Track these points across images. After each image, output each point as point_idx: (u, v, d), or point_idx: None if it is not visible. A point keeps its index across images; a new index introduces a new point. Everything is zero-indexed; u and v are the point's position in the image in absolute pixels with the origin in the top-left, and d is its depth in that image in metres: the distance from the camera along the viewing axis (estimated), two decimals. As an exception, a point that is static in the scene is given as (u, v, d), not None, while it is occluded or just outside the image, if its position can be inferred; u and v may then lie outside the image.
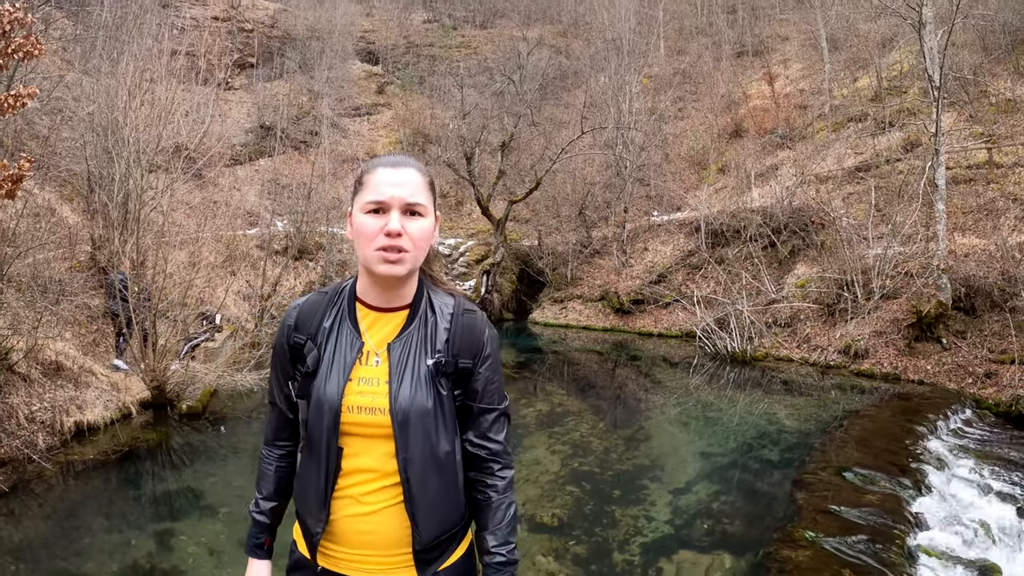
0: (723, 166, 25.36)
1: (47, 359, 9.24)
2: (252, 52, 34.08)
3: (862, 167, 19.80)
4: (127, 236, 11.22)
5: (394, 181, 1.76)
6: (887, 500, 6.64)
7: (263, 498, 1.98)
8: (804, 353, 14.84)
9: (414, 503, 1.76)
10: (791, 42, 31.91)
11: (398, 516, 1.77)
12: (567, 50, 34.74)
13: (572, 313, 21.07)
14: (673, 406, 12.03)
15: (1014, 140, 17.38)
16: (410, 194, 1.75)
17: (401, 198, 1.74)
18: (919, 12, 13.81)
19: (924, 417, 9.70)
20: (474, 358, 1.85)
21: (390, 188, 1.75)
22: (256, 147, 28.35)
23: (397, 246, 1.72)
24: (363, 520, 1.77)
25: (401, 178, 1.76)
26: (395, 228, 1.72)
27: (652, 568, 5.73)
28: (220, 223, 17.31)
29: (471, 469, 1.87)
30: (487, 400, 1.87)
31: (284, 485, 1.99)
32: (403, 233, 1.73)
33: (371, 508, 1.77)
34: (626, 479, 8.10)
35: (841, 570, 5.19)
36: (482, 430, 1.86)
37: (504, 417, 1.90)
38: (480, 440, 1.86)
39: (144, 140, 10.98)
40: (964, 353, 12.65)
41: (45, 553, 5.89)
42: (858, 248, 15.56)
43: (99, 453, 8.36)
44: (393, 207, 1.74)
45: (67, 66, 14.69)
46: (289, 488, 1.98)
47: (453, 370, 1.82)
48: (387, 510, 1.77)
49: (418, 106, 33.74)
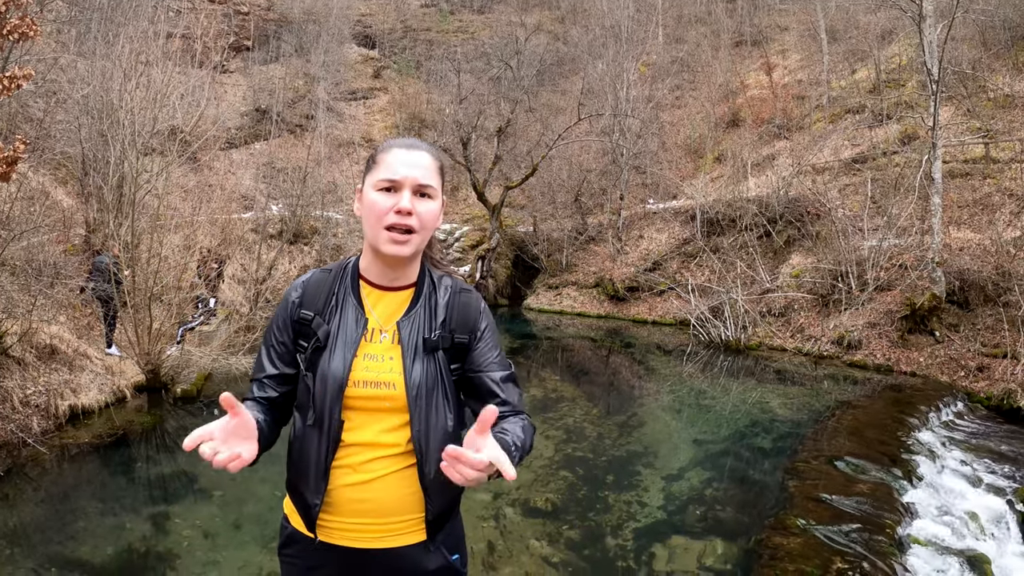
0: (720, 155, 25.37)
1: (41, 342, 9.23)
2: (248, 35, 33.94)
3: (859, 159, 19.83)
4: (122, 219, 11.18)
5: (408, 162, 1.81)
6: (878, 490, 6.68)
7: None
8: (797, 343, 14.89)
9: (427, 475, 1.81)
10: (790, 32, 31.86)
11: (394, 484, 1.81)
12: (565, 36, 34.63)
13: (567, 299, 21.12)
14: (666, 393, 12.08)
15: (1011, 135, 17.41)
16: (422, 175, 1.81)
17: (414, 178, 1.79)
18: (920, 5, 13.78)
19: (916, 409, 9.75)
20: (470, 333, 1.92)
21: (404, 168, 1.80)
22: (251, 130, 28.29)
23: (406, 225, 1.77)
24: (360, 488, 1.80)
25: (415, 159, 1.82)
26: (406, 206, 1.77)
27: (645, 553, 5.78)
28: (215, 207, 17.27)
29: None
30: (490, 367, 1.91)
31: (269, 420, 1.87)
32: (413, 212, 1.78)
33: (368, 477, 1.80)
34: (619, 465, 8.14)
35: (832, 558, 5.23)
36: (493, 390, 1.88)
37: (512, 380, 1.92)
38: (493, 399, 1.86)
39: (139, 122, 10.92)
40: (957, 346, 12.71)
41: (40, 537, 5.90)
42: (853, 239, 15.60)
43: (94, 437, 8.36)
44: (405, 186, 1.79)
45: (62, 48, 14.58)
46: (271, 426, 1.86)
47: (450, 345, 1.88)
48: (384, 479, 1.81)
49: (414, 91, 33.67)
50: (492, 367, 1.92)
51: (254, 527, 6.04)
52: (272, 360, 1.93)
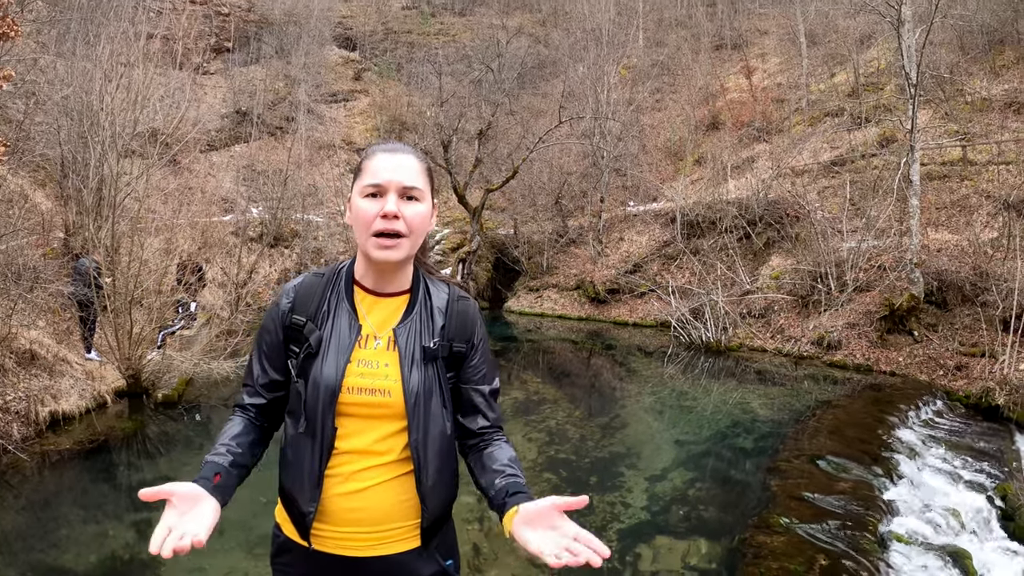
0: (699, 158, 25.49)
1: (21, 348, 9.12)
2: (228, 36, 33.72)
3: (838, 161, 20.02)
4: (101, 222, 11.08)
5: (391, 165, 1.80)
6: (859, 488, 6.76)
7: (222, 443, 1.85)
8: (778, 344, 15.01)
9: (424, 483, 1.81)
10: (770, 36, 32.09)
11: (388, 493, 1.80)
12: (546, 39, 34.67)
13: (547, 302, 21.14)
14: (648, 395, 12.14)
15: (988, 138, 17.67)
16: (407, 178, 1.80)
17: (398, 182, 1.78)
18: (898, 10, 13.94)
19: (896, 408, 9.87)
20: (467, 342, 1.92)
21: (387, 172, 1.78)
22: (231, 133, 28.06)
23: (393, 229, 1.76)
24: (353, 497, 1.79)
25: (398, 162, 1.81)
26: (391, 210, 1.75)
27: (630, 553, 5.81)
28: (195, 209, 17.14)
29: (469, 442, 1.93)
30: (481, 380, 1.93)
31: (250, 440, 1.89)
32: (399, 216, 1.76)
33: (362, 485, 1.79)
34: (602, 466, 8.17)
35: (816, 555, 5.29)
36: (480, 407, 1.92)
37: (496, 393, 1.97)
38: (478, 416, 1.92)
39: (120, 124, 10.84)
40: (935, 346, 12.87)
41: (22, 545, 5.84)
42: (832, 241, 15.75)
43: (75, 443, 8.28)
44: (390, 190, 1.78)
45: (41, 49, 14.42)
46: (254, 447, 1.89)
47: (448, 354, 1.88)
48: (378, 487, 1.79)
49: (395, 93, 33.55)
50: (483, 381, 1.93)
51: (238, 532, 6.00)
52: (263, 366, 1.91)
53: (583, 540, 1.53)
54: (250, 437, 1.88)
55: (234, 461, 1.78)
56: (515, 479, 1.76)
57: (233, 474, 1.77)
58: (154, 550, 1.46)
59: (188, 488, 1.60)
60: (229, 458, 1.78)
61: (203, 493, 1.62)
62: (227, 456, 1.79)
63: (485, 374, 1.95)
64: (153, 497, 1.53)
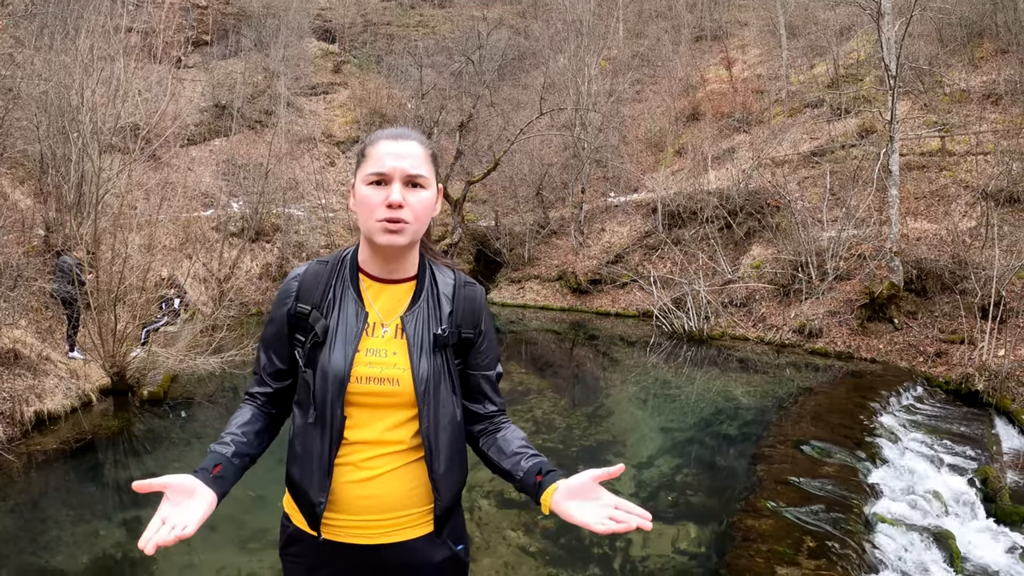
0: (680, 149, 25.61)
1: (3, 347, 9.00)
2: (206, 29, 33.40)
3: (817, 152, 20.20)
4: (82, 219, 10.98)
5: (396, 152, 1.76)
6: (844, 471, 6.87)
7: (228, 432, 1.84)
8: (760, 332, 15.16)
9: (437, 470, 1.81)
10: (750, 28, 32.27)
11: (399, 480, 1.80)
12: (526, 31, 34.61)
13: (529, 293, 21.23)
14: (632, 384, 12.23)
15: (966, 129, 17.89)
16: (411, 165, 1.76)
17: (403, 169, 1.75)
18: (878, 3, 14.07)
19: (877, 394, 10.01)
20: (475, 328, 1.92)
21: (392, 160, 1.75)
22: (211, 127, 27.85)
23: (398, 217, 1.74)
24: (364, 485, 1.78)
25: (403, 150, 1.77)
26: (396, 199, 1.73)
27: (620, 539, 5.87)
28: (176, 205, 17.02)
29: (477, 427, 1.95)
30: (488, 366, 1.95)
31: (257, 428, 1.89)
32: (404, 204, 1.74)
33: (372, 473, 1.79)
34: (589, 455, 8.23)
35: (803, 537, 5.38)
36: (486, 392, 1.95)
37: (500, 378, 2.00)
38: (485, 401, 1.95)
39: (101, 119, 10.73)
40: (915, 333, 13.05)
41: (12, 548, 5.79)
42: (812, 231, 15.91)
43: (61, 443, 8.20)
44: (395, 178, 1.75)
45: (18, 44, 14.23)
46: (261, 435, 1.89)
47: (457, 340, 1.88)
48: (389, 475, 1.79)
49: (375, 85, 33.41)
50: (489, 366, 1.95)
51: (230, 528, 5.99)
52: (269, 355, 1.90)
53: (624, 508, 1.58)
54: (257, 425, 1.87)
55: (236, 451, 1.78)
56: (539, 458, 1.80)
57: (235, 464, 1.76)
58: (140, 545, 1.47)
59: (182, 480, 1.60)
60: (232, 448, 1.78)
61: (198, 484, 1.62)
62: (230, 446, 1.78)
63: (491, 359, 1.96)
64: (147, 489, 1.54)
